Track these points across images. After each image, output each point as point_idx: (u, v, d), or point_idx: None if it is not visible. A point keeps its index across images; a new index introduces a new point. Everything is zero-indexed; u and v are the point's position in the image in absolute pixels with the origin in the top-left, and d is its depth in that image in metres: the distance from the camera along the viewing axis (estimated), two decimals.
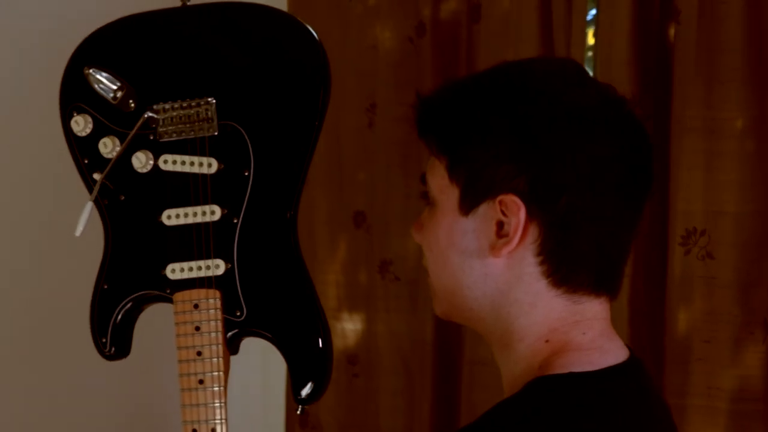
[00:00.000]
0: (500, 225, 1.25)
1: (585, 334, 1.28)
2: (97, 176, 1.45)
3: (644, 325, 2.36)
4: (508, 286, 1.28)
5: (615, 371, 1.27)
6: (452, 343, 2.73)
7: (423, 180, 1.34)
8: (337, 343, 2.94)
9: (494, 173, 1.24)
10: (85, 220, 1.45)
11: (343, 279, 2.97)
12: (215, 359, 1.41)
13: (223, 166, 1.42)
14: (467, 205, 1.27)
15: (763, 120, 2.21)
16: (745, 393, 2.25)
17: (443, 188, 1.29)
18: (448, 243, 1.30)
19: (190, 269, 1.43)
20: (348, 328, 2.96)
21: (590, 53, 2.50)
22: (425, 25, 2.74)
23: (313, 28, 1.41)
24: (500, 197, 1.24)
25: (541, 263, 1.26)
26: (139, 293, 1.46)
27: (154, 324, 1.58)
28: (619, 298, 1.33)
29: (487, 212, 1.26)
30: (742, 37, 2.20)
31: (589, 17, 2.47)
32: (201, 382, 1.41)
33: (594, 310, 1.29)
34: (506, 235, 1.25)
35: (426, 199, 1.34)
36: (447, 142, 1.29)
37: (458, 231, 1.28)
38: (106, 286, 1.47)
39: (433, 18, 2.74)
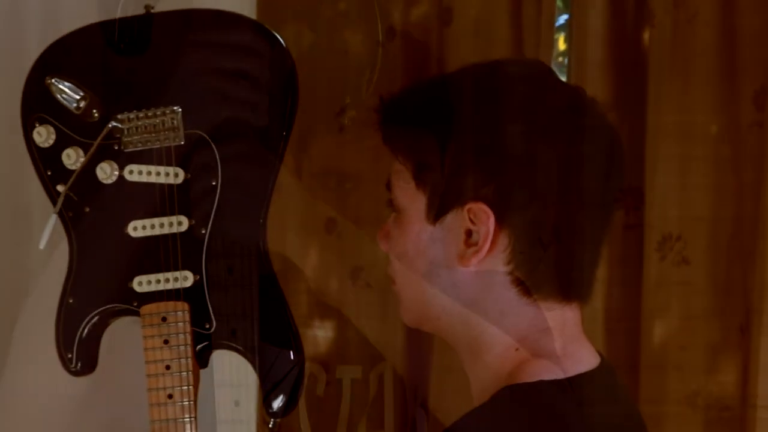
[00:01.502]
0: (469, 233, 1.23)
1: (556, 341, 1.25)
2: (60, 188, 1.42)
3: (620, 332, 2.35)
4: (478, 295, 1.25)
5: (585, 378, 1.25)
6: (422, 349, 2.72)
7: (388, 187, 1.31)
8: (309, 350, 2.92)
9: (462, 181, 1.22)
10: (49, 232, 1.42)
11: (314, 286, 2.95)
12: (184, 373, 1.39)
13: (189, 175, 1.39)
14: (435, 213, 1.25)
15: (738, 124, 2.21)
16: (722, 400, 2.24)
17: (410, 195, 1.27)
18: (416, 252, 1.28)
19: (158, 281, 1.40)
20: (319, 335, 2.94)
21: (561, 58, 2.49)
22: (395, 28, 2.73)
23: (283, 33, 1.39)
24: (468, 205, 1.22)
25: (512, 272, 1.24)
26: (106, 307, 1.43)
27: (122, 338, 1.55)
28: (594, 304, 1.31)
29: (455, 220, 1.24)
30: (717, 42, 2.20)
31: (561, 22, 2.46)
32: (170, 396, 1.39)
33: (565, 317, 1.27)
34: (475, 244, 1.22)
35: (391, 206, 1.32)
36: (412, 148, 1.26)
37: (426, 240, 1.26)
38: (71, 300, 1.44)
39: (403, 21, 2.72)
